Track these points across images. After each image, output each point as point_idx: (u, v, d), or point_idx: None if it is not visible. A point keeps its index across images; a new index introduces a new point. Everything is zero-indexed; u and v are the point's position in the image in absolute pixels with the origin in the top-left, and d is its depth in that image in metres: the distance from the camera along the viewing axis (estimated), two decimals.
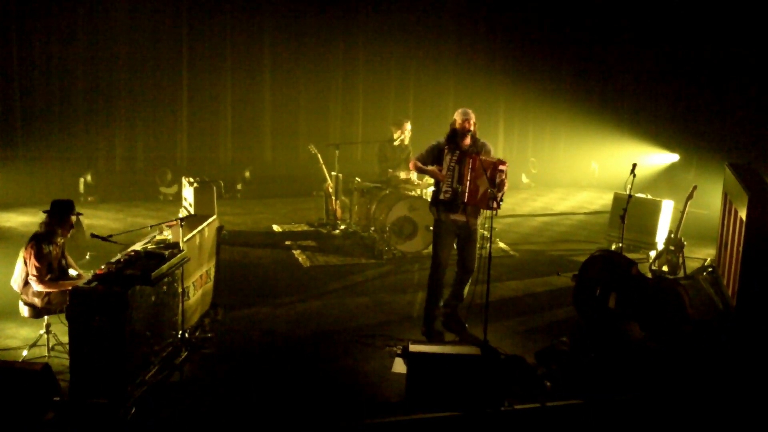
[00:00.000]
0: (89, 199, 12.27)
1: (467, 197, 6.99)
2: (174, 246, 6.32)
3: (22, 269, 6.34)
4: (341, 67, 14.08)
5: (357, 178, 10.50)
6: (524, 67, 14.90)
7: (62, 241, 6.51)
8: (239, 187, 13.26)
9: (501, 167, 6.86)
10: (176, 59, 13.05)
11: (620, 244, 8.23)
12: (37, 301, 6.34)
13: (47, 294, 6.31)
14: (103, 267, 5.71)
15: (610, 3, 14.87)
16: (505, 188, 6.87)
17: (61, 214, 6.44)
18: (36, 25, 12.14)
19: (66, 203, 6.52)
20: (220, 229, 7.91)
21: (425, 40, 14.37)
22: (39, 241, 6.29)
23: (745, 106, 13.46)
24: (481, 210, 7.15)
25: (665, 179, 13.99)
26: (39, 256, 6.23)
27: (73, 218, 6.57)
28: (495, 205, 6.72)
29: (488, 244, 6.96)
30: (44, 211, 6.49)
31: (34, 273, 6.22)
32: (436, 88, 14.59)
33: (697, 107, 14.31)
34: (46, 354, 6.42)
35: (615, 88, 15.39)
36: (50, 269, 6.34)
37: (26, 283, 6.32)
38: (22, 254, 6.34)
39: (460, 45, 14.72)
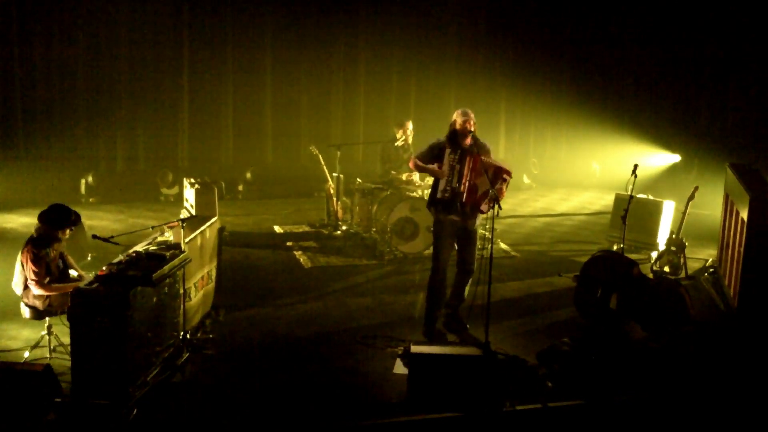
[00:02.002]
0: (90, 200, 12.28)
1: (466, 197, 6.97)
2: (175, 247, 6.33)
3: (20, 273, 6.31)
4: (342, 67, 14.06)
5: (358, 179, 10.49)
6: (525, 68, 14.86)
7: (58, 245, 6.43)
8: (240, 188, 13.25)
9: (505, 176, 6.89)
10: (177, 60, 13.05)
11: (621, 245, 8.21)
12: (38, 304, 6.32)
13: (48, 296, 6.30)
14: (104, 268, 5.71)
15: (611, 3, 14.86)
16: (502, 196, 6.85)
17: (52, 224, 6.31)
18: (37, 25, 12.13)
19: (63, 213, 6.35)
20: (221, 230, 7.91)
21: (426, 40, 14.36)
22: (34, 245, 6.23)
23: (746, 107, 13.46)
24: None
25: (666, 180, 13.97)
26: (36, 260, 6.19)
27: (68, 231, 6.43)
28: (493, 206, 6.68)
29: (489, 245, 6.95)
30: (38, 216, 6.36)
31: (33, 277, 6.19)
32: (437, 88, 14.58)
33: (698, 107, 14.31)
34: (48, 355, 6.42)
35: (616, 88, 15.37)
36: (49, 272, 6.31)
37: (26, 287, 6.30)
38: (19, 258, 6.32)
39: (461, 45, 14.70)
